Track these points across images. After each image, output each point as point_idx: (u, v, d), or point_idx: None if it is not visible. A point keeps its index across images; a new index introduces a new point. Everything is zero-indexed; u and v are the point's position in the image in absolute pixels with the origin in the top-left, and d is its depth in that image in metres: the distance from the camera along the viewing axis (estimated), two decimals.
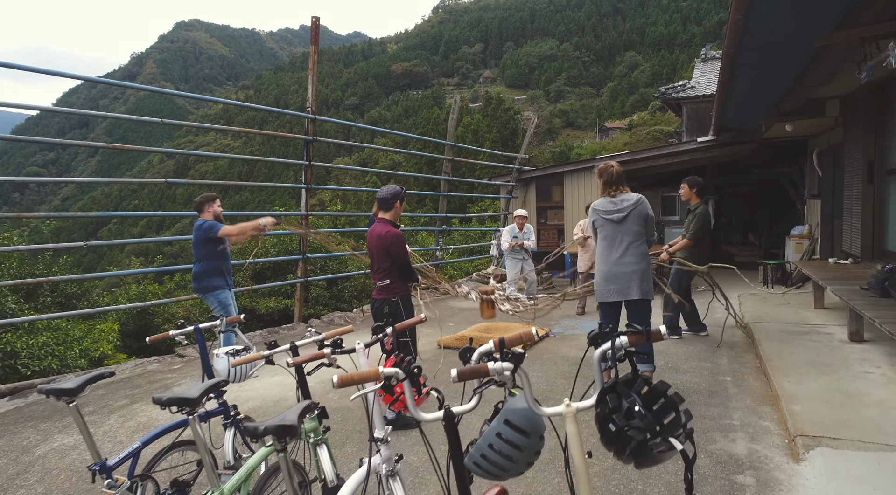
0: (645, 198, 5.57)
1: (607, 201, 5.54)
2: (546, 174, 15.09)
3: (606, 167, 5.59)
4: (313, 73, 8.98)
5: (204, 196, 6.97)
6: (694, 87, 23.71)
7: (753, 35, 5.54)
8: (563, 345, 7.75)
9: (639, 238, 5.48)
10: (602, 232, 5.58)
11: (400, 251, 5.13)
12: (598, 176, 5.65)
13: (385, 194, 5.20)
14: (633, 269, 5.41)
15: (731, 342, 7.51)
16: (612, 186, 5.54)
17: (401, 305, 5.20)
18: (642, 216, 5.48)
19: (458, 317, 10.15)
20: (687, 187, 7.73)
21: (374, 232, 5.22)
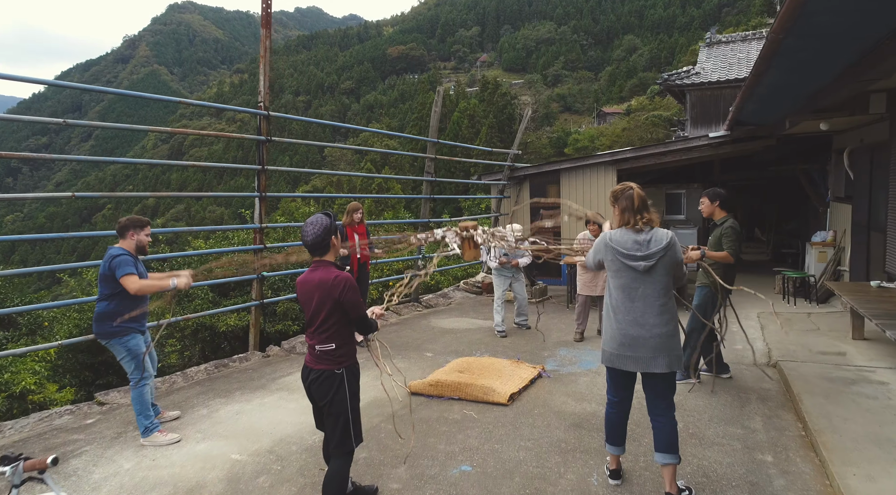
0: (675, 236, 4.22)
1: (629, 236, 4.13)
2: (541, 172, 13.74)
3: (624, 189, 4.23)
4: (265, 60, 7.61)
5: (131, 219, 5.65)
6: (699, 73, 22.38)
7: (809, 16, 4.22)
8: (559, 391, 6.43)
9: (666, 291, 4.12)
10: (618, 278, 4.19)
11: (355, 302, 3.83)
12: (613, 201, 4.28)
13: (313, 236, 3.85)
14: (658, 333, 4.05)
15: (761, 390, 6.21)
16: (636, 214, 4.15)
17: (345, 382, 3.90)
18: (674, 263, 4.12)
19: (439, 343, 8.83)
20: (708, 201, 6.40)
21: (311, 279, 3.88)
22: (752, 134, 11.53)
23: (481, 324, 9.93)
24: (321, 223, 3.86)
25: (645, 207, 4.14)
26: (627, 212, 4.16)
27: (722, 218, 6.32)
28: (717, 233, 6.29)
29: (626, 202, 4.16)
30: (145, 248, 5.64)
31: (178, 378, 7.39)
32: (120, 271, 5.25)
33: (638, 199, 4.13)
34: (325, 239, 3.85)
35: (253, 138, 7.82)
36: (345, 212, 8.71)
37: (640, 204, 4.12)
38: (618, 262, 4.14)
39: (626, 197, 4.16)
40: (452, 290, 12.89)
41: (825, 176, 12.65)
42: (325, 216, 3.92)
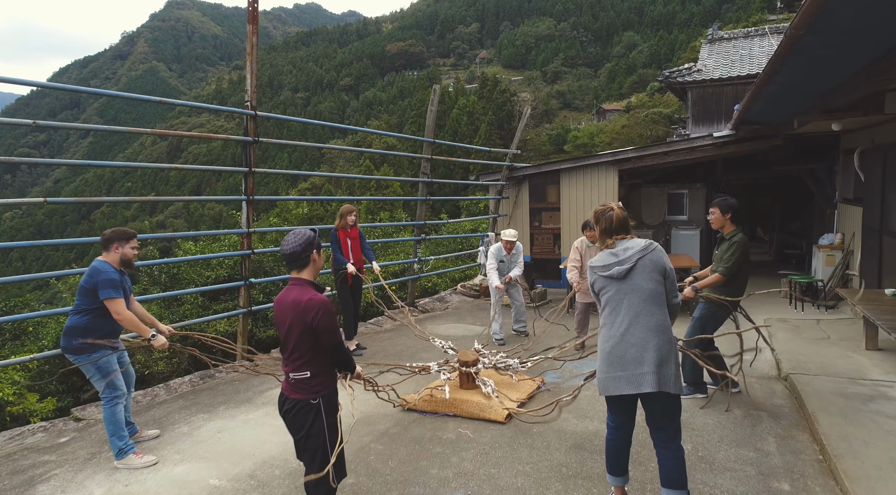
0: (658, 244, 3.94)
1: (606, 254, 3.97)
2: (540, 172, 13.39)
3: (604, 210, 4.06)
4: (252, 58, 7.26)
5: (115, 231, 5.27)
6: (701, 71, 22.05)
7: (834, 11, 3.88)
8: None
9: (653, 300, 3.79)
10: (605, 295, 3.93)
11: (329, 328, 3.46)
12: (594, 221, 4.14)
13: (292, 247, 3.53)
14: (648, 346, 3.70)
15: (773, 407, 5.88)
16: (613, 234, 3.99)
17: (322, 411, 3.57)
18: (657, 267, 3.82)
19: (434, 352, 8.46)
20: (719, 212, 6.01)
21: (285, 299, 3.54)
22: (758, 133, 11.20)
23: (479, 331, 9.60)
24: (303, 234, 3.55)
25: (623, 229, 3.99)
26: (606, 233, 4.03)
27: (731, 231, 5.95)
28: (723, 246, 5.95)
29: (605, 223, 4.03)
30: (131, 262, 5.29)
31: (160, 390, 7.07)
32: (105, 293, 4.94)
33: (616, 221, 3.98)
34: (306, 252, 3.52)
35: (239, 139, 7.47)
36: (338, 215, 8.36)
37: (618, 225, 3.98)
38: (601, 281, 3.95)
39: (606, 218, 4.02)
40: (449, 294, 12.56)
41: (832, 176, 12.31)
42: (309, 230, 3.62)
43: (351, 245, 8.34)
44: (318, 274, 3.71)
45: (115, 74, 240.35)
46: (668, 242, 14.93)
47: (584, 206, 12.84)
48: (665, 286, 3.87)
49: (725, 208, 5.99)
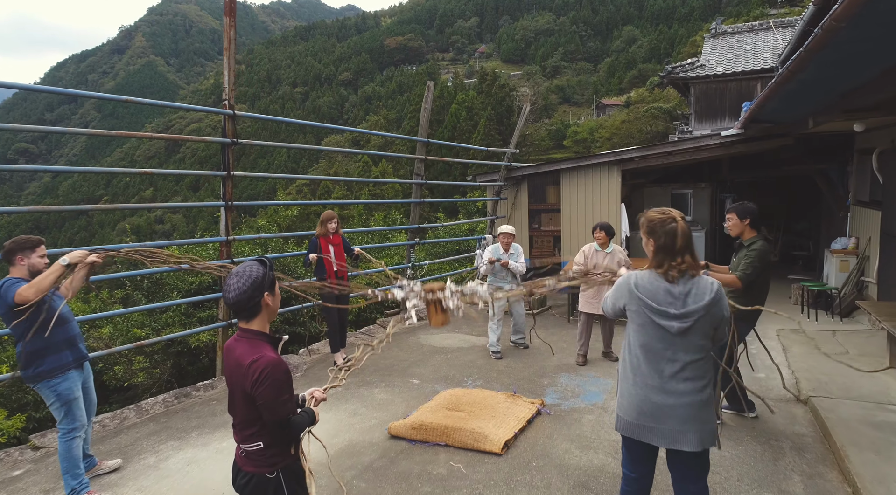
0: (720, 285, 3.26)
1: (661, 285, 3.21)
2: (540, 172, 12.85)
3: (664, 220, 3.23)
4: (229, 52, 6.74)
5: (16, 241, 4.65)
6: (704, 66, 21.56)
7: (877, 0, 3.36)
8: (561, 435, 5.58)
9: (700, 353, 3.21)
10: (641, 335, 3.29)
11: (272, 402, 2.74)
12: (647, 232, 3.32)
13: (236, 294, 2.79)
14: (689, 401, 3.17)
15: (795, 437, 5.36)
16: (676, 256, 3.19)
17: (283, 487, 2.88)
18: (715, 319, 3.21)
19: (427, 366, 7.99)
20: (736, 218, 5.52)
21: (230, 354, 2.88)
22: (768, 132, 10.68)
23: (475, 342, 9.09)
24: (248, 275, 2.81)
25: (688, 248, 3.19)
26: (664, 252, 3.20)
27: (751, 238, 5.44)
28: (741, 254, 5.44)
29: (665, 239, 3.19)
30: (42, 272, 4.67)
31: (130, 412, 6.54)
32: (9, 293, 4.36)
33: (682, 237, 3.17)
34: (253, 297, 2.79)
35: (217, 141, 6.94)
36: (318, 222, 7.86)
37: (684, 243, 3.17)
38: (644, 316, 3.24)
39: (667, 232, 3.18)
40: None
41: (845, 177, 11.80)
42: (257, 264, 2.87)
43: (333, 252, 7.83)
44: (275, 318, 3.05)
45: (113, 69, 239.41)
46: None
47: (586, 208, 12.33)
48: (715, 336, 3.30)
49: (743, 213, 5.50)
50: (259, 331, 2.86)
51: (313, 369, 8.00)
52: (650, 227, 3.27)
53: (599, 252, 7.79)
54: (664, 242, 3.19)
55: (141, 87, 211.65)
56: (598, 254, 7.80)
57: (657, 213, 3.29)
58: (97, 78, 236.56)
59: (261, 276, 2.81)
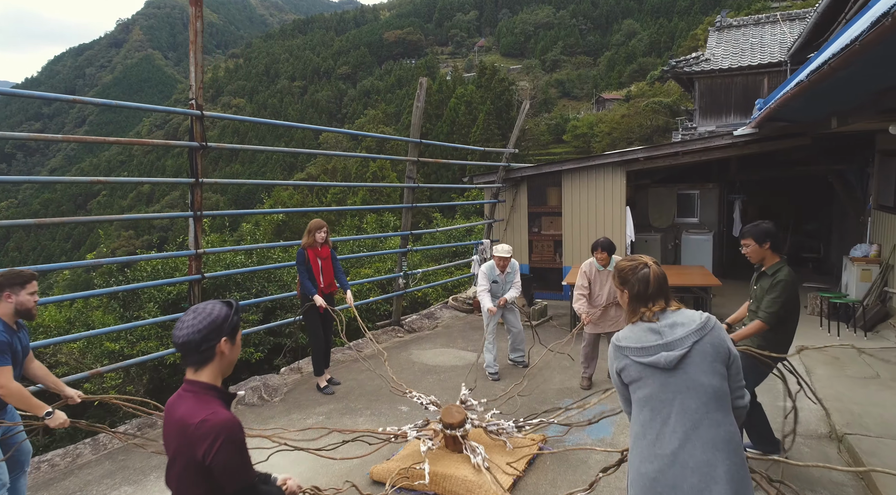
0: (715, 318, 2.78)
1: (642, 329, 2.79)
2: (540, 173, 12.19)
3: (635, 267, 2.92)
4: (196, 46, 6.07)
5: (7, 275, 3.97)
6: (709, 60, 20.86)
7: None
8: (565, 480, 4.94)
9: (717, 401, 2.59)
10: (641, 389, 2.73)
11: (232, 467, 2.19)
12: (620, 282, 2.98)
13: (187, 333, 2.27)
14: (714, 472, 2.48)
15: (834, 486, 4.70)
16: (648, 301, 2.84)
17: None
18: (719, 353, 2.66)
19: (418, 389, 7.34)
20: (754, 243, 4.77)
21: (172, 413, 2.30)
22: (784, 131, 10.04)
23: (470, 359, 8.44)
24: (208, 314, 2.30)
25: (662, 292, 2.86)
26: (638, 299, 2.88)
27: (774, 265, 4.72)
28: (764, 284, 4.75)
29: (638, 286, 2.87)
30: (31, 311, 4.03)
31: (85, 448, 5.89)
32: None
33: (654, 282, 2.86)
34: (208, 340, 2.27)
35: (184, 145, 6.28)
36: (305, 232, 7.19)
37: (657, 288, 2.85)
38: (636, 368, 2.73)
39: (640, 279, 2.87)
40: (440, 308, 11.37)
41: (864, 179, 11.14)
42: (221, 305, 2.36)
43: (322, 266, 7.17)
44: (229, 372, 2.45)
45: (111, 62, 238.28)
46: (678, 248, 13.79)
47: (589, 211, 11.69)
48: (729, 378, 2.70)
49: (762, 236, 4.74)
50: (209, 384, 2.33)
51: (294, 393, 7.35)
52: (622, 277, 2.97)
53: (602, 271, 7.13)
54: (638, 290, 2.88)
55: (139, 81, 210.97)
56: (600, 274, 7.15)
57: (627, 262, 3.01)
58: (95, 72, 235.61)
59: (221, 318, 2.32)
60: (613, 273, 3.06)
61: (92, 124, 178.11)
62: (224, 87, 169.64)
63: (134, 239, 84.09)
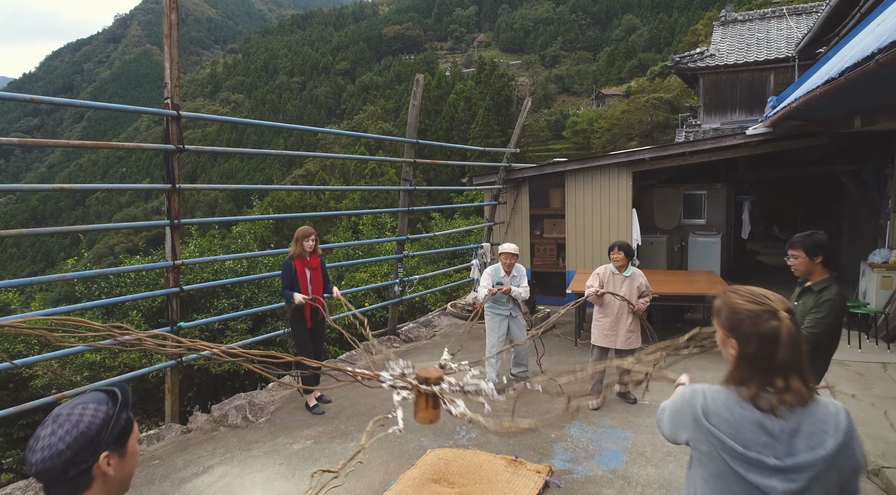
0: (848, 413, 1.97)
1: (749, 416, 1.95)
2: (542, 173, 11.71)
3: (759, 314, 1.98)
4: (171, 40, 5.57)
5: None
6: (713, 55, 20.40)
7: None
8: None
9: None
10: (713, 472, 2.03)
11: None
12: (728, 327, 2.07)
13: (43, 457, 1.51)
14: None
15: None
16: (774, 375, 1.94)
17: None
18: (845, 476, 1.92)
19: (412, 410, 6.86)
20: (804, 255, 4.24)
21: None
22: (799, 131, 9.57)
23: (472, 372, 7.97)
24: (75, 422, 1.56)
25: (796, 364, 1.93)
26: (755, 365, 1.98)
27: (822, 281, 4.23)
28: (808, 302, 4.25)
29: (758, 346, 1.96)
30: None
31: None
32: None
33: (787, 346, 1.92)
34: (76, 464, 1.55)
35: (159, 148, 5.78)
36: (293, 240, 6.70)
37: (790, 355, 1.92)
38: (720, 463, 2.00)
39: (763, 336, 1.96)
40: (438, 315, 10.88)
41: (882, 180, 10.67)
42: (96, 404, 1.63)
43: (310, 277, 6.67)
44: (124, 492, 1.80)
45: (109, 58, 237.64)
46: (685, 250, 13.31)
47: (593, 213, 11.22)
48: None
49: (814, 249, 4.23)
50: None
51: (281, 412, 6.87)
52: (734, 323, 2.05)
53: (617, 275, 6.64)
54: (755, 350, 1.98)
55: (137, 76, 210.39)
56: (614, 278, 6.65)
57: (746, 301, 2.05)
58: (93, 67, 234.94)
59: (97, 426, 1.58)
60: (718, 307, 2.15)
61: (90, 120, 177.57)
62: (222, 82, 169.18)
63: (133, 235, 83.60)
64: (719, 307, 2.14)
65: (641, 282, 6.67)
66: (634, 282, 6.62)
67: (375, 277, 11.60)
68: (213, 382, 9.22)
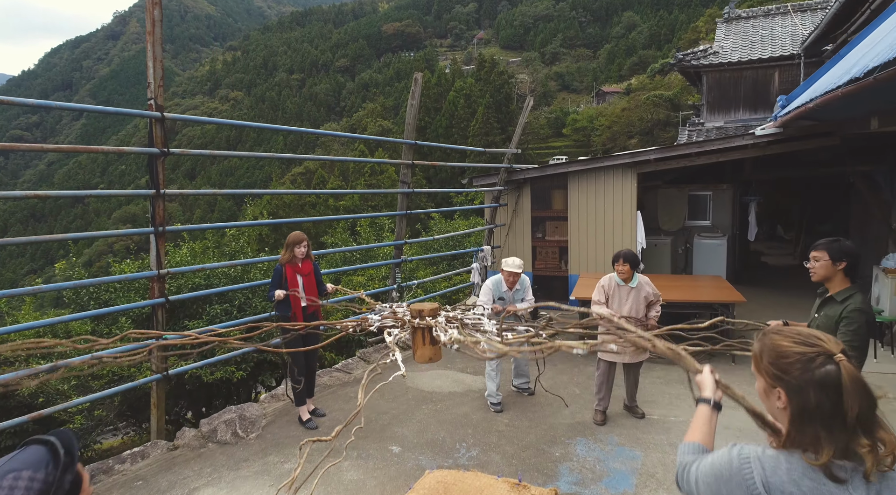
0: None
1: (822, 490, 1.60)
2: (545, 175, 11.40)
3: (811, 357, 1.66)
4: (153, 37, 5.28)
5: None
6: (717, 53, 20.07)
7: None
8: None
9: None
10: None
11: None
12: (774, 376, 1.74)
13: None
14: None
15: None
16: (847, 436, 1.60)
17: None
18: None
19: (412, 423, 6.57)
20: (827, 258, 3.92)
21: None
22: (810, 131, 9.26)
23: (470, 385, 7.67)
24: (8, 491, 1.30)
25: (870, 416, 1.60)
26: (822, 423, 1.63)
27: (845, 291, 3.91)
28: (831, 313, 3.95)
29: (818, 396, 1.62)
30: None
31: None
32: None
33: (855, 394, 1.59)
34: None
35: (142, 151, 5.47)
36: (284, 246, 6.40)
37: (863, 408, 1.58)
38: None
39: (822, 384, 1.63)
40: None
41: (895, 181, 10.36)
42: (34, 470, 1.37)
43: (303, 283, 6.38)
44: None
45: (108, 55, 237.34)
46: (689, 252, 13.01)
47: (597, 215, 10.92)
48: None
49: (838, 253, 3.90)
50: None
51: (273, 427, 6.56)
52: (781, 370, 1.72)
53: (622, 286, 6.31)
54: (817, 403, 1.62)
55: (136, 74, 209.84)
56: (620, 290, 6.32)
57: (791, 342, 1.73)
58: (92, 64, 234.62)
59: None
60: (757, 351, 1.84)
61: (89, 117, 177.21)
62: (222, 79, 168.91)
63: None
64: (759, 351, 1.82)
65: (649, 291, 6.36)
66: (641, 292, 6.31)
67: (373, 281, 11.28)
68: (207, 390, 8.94)
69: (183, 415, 9.73)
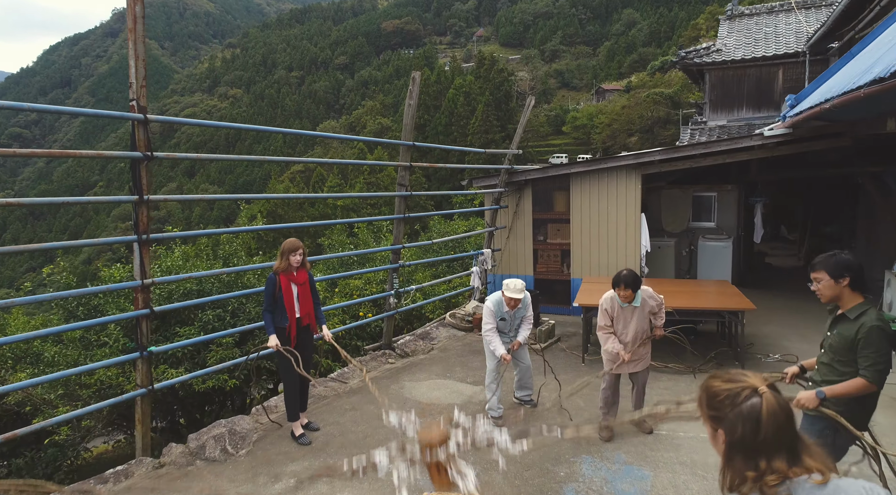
0: None
1: None
2: (546, 176, 11.11)
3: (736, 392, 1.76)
4: (136, 35, 4.99)
5: None
6: (720, 51, 19.77)
7: None
8: None
9: None
10: None
11: None
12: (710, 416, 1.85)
13: None
14: None
15: None
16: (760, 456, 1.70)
17: None
18: None
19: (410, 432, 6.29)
20: (828, 278, 3.70)
21: None
22: (820, 132, 8.99)
23: (470, 395, 7.39)
24: None
25: (784, 441, 1.68)
26: (742, 452, 1.72)
27: (857, 307, 3.67)
28: (845, 331, 3.69)
29: (743, 428, 1.70)
30: None
31: None
32: None
33: (769, 421, 1.67)
34: None
35: (125, 156, 5.18)
36: (278, 254, 6.10)
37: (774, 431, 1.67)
38: None
39: (745, 416, 1.71)
40: (436, 326, 10.28)
41: None
42: None
43: (298, 292, 6.08)
44: None
45: (107, 52, 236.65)
46: (694, 254, 12.74)
47: (600, 217, 10.64)
48: None
49: (838, 270, 3.68)
50: None
51: (265, 442, 6.26)
52: (713, 407, 1.82)
53: (626, 308, 6.00)
54: (743, 434, 1.71)
55: None
56: (623, 312, 6.01)
57: (722, 382, 1.83)
58: (91, 61, 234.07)
59: None
60: (700, 397, 1.92)
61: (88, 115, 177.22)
62: (221, 77, 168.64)
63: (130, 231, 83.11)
64: (700, 398, 1.92)
65: (652, 304, 6.06)
66: (645, 308, 6.02)
67: (371, 284, 11.00)
68: (200, 397, 8.68)
69: (177, 421, 9.49)
